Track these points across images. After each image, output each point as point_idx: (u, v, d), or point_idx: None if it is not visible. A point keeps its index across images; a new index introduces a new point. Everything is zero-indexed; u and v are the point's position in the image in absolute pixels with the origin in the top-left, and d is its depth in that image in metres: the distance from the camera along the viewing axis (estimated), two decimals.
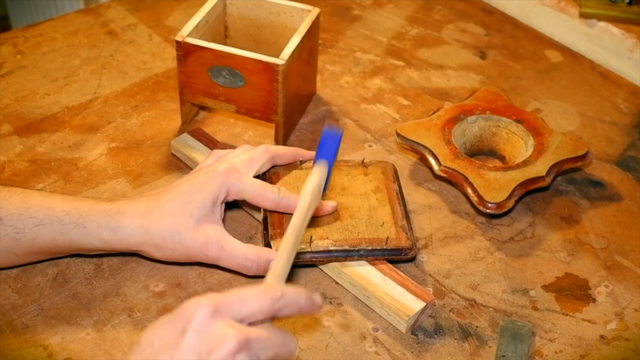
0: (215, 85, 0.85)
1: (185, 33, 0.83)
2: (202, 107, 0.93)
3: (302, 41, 0.84)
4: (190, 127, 0.90)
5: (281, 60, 0.81)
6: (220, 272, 0.75)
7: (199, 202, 0.71)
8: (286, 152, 0.80)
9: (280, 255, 0.58)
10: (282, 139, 0.88)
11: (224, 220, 0.74)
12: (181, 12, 1.10)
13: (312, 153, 0.81)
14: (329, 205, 0.76)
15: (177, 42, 0.83)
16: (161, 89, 0.97)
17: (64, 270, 0.74)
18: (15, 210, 0.69)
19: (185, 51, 0.83)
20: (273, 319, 0.55)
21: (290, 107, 0.87)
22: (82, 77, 0.98)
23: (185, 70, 0.85)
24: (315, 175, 0.63)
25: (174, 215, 0.70)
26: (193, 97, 0.88)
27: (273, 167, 0.80)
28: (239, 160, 0.76)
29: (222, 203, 0.73)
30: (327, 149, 0.65)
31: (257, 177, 0.77)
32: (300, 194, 0.62)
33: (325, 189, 0.66)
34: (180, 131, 0.90)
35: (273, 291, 0.54)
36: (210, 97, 0.87)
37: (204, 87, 0.86)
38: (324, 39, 1.06)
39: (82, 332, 0.69)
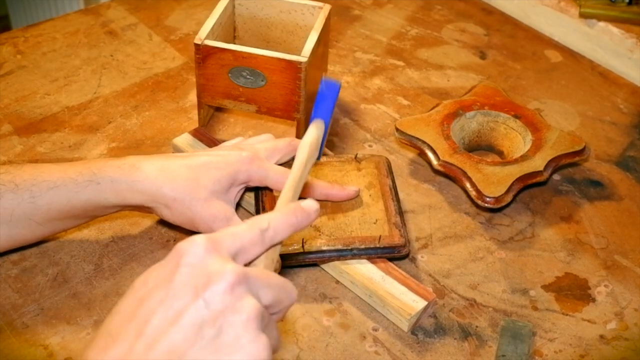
0: (235, 86, 0.85)
1: (203, 36, 0.83)
2: (218, 109, 0.93)
3: (318, 38, 0.85)
4: (206, 128, 0.90)
5: (303, 57, 0.81)
6: None
7: (214, 177, 0.72)
8: None
9: (278, 207, 0.57)
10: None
11: (239, 205, 0.75)
12: (181, 12, 1.10)
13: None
14: (351, 189, 0.77)
15: (197, 45, 0.82)
16: (161, 89, 0.97)
17: (64, 270, 0.74)
18: (29, 176, 0.70)
19: (204, 54, 0.83)
20: (269, 248, 0.54)
21: (310, 104, 0.87)
22: (82, 77, 0.98)
23: (205, 73, 0.85)
24: (312, 130, 0.63)
25: (188, 181, 0.71)
26: (212, 99, 0.87)
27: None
28: (262, 147, 0.77)
29: (240, 187, 0.74)
30: (324, 105, 0.64)
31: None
32: (298, 148, 0.61)
33: (322, 147, 0.65)
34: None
35: (259, 222, 0.53)
36: (230, 99, 0.86)
37: (224, 88, 0.86)
38: None
39: (82, 331, 0.69)
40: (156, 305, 0.47)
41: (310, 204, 0.56)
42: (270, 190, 0.78)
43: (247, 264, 0.53)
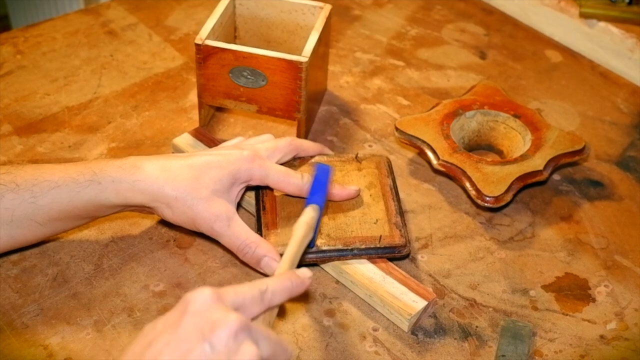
0: (236, 86, 0.85)
1: (204, 36, 0.83)
2: (219, 109, 0.93)
3: (319, 38, 0.85)
4: (206, 128, 0.90)
5: (304, 57, 0.81)
6: (220, 272, 0.75)
7: (215, 176, 0.72)
8: (310, 147, 0.81)
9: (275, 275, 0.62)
10: (304, 136, 0.88)
11: (239, 205, 0.76)
12: (181, 12, 1.10)
13: (330, 153, 0.84)
14: (351, 189, 0.77)
15: (197, 45, 0.82)
16: (161, 89, 0.97)
17: (64, 270, 0.74)
18: (30, 176, 0.70)
19: (205, 54, 0.83)
20: (267, 310, 0.58)
21: (311, 103, 0.88)
22: (82, 77, 0.98)
23: (205, 73, 0.85)
24: (309, 212, 0.68)
25: (190, 180, 0.71)
26: (213, 99, 0.87)
27: (294, 158, 0.81)
28: (263, 147, 0.77)
29: (242, 186, 0.75)
30: (320, 190, 0.69)
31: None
32: (295, 227, 0.67)
33: (317, 227, 0.70)
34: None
35: (259, 284, 0.57)
36: (231, 99, 0.86)
37: (225, 88, 0.86)
38: None
39: (82, 332, 0.69)
40: (163, 346, 0.51)
41: (304, 272, 0.62)
42: (271, 189, 0.78)
43: None
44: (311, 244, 0.71)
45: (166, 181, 0.71)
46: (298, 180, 0.75)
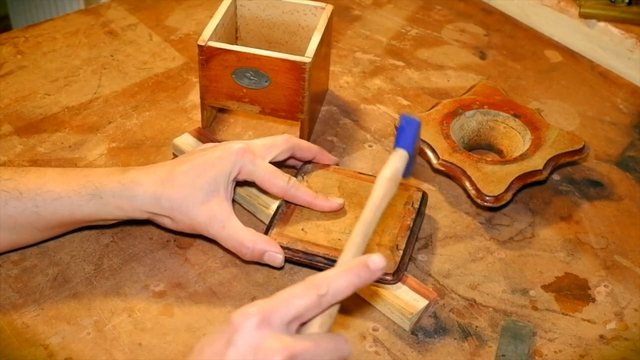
0: (239, 87, 0.85)
1: (207, 37, 0.83)
2: (221, 110, 0.93)
3: (322, 38, 0.85)
4: (207, 128, 0.90)
5: (307, 58, 0.82)
6: (220, 272, 0.75)
7: (210, 177, 0.72)
8: (307, 147, 0.80)
9: (346, 253, 0.56)
10: (307, 136, 0.88)
11: (233, 200, 0.75)
12: (181, 12, 1.10)
13: (334, 159, 0.82)
14: (334, 202, 0.76)
15: (200, 46, 0.82)
16: (161, 89, 0.97)
17: (64, 270, 0.74)
18: (33, 185, 0.70)
19: (208, 55, 0.83)
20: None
21: (313, 104, 0.88)
22: (82, 77, 0.98)
23: (208, 74, 0.85)
24: (392, 162, 0.60)
25: (185, 187, 0.71)
26: (215, 100, 0.87)
27: (290, 157, 0.80)
28: (259, 143, 0.77)
29: (233, 182, 0.74)
30: (406, 136, 0.61)
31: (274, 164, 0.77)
32: (375, 184, 0.59)
33: (408, 175, 0.62)
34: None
35: (317, 287, 0.53)
36: (234, 100, 0.86)
37: (228, 90, 0.86)
38: None
39: (82, 331, 0.69)
40: None
41: (377, 261, 0.54)
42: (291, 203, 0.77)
43: (303, 323, 0.54)
44: (405, 174, 0.62)
45: (162, 194, 0.71)
46: (283, 183, 0.74)
